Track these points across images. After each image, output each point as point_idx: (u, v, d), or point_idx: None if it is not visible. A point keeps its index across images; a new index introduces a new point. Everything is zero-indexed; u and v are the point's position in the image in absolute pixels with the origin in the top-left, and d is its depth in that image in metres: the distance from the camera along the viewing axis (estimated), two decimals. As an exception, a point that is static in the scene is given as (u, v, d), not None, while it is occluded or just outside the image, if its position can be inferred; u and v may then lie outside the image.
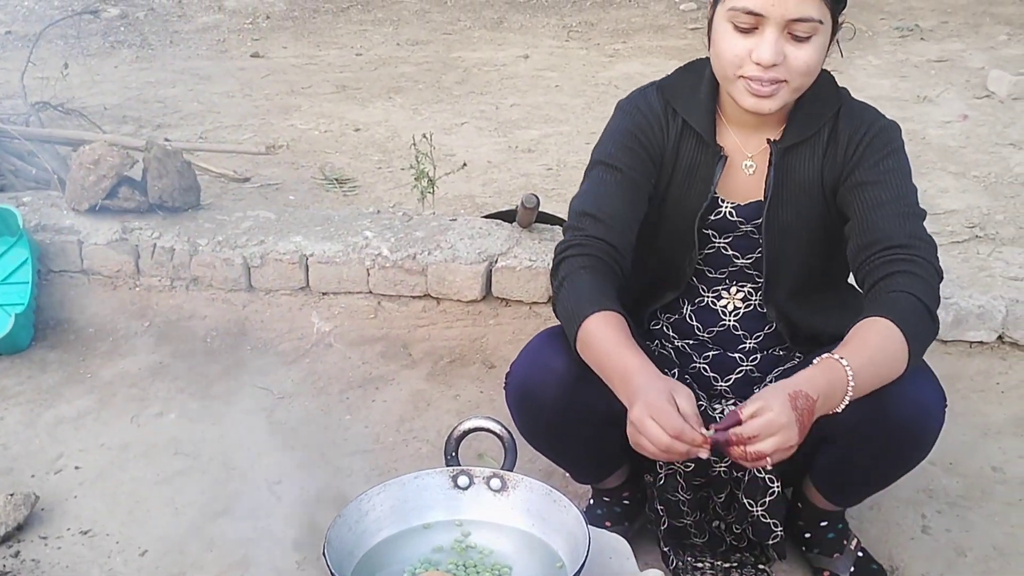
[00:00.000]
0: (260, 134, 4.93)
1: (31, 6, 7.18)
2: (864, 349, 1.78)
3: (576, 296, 1.94)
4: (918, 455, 2.04)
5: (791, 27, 1.83)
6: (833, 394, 1.73)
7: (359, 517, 1.73)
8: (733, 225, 2.11)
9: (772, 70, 1.85)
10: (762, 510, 2.13)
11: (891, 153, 2.00)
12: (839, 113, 2.03)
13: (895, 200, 1.95)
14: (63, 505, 2.59)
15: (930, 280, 1.88)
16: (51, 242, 3.35)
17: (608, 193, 2.04)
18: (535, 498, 1.75)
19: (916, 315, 1.83)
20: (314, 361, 3.16)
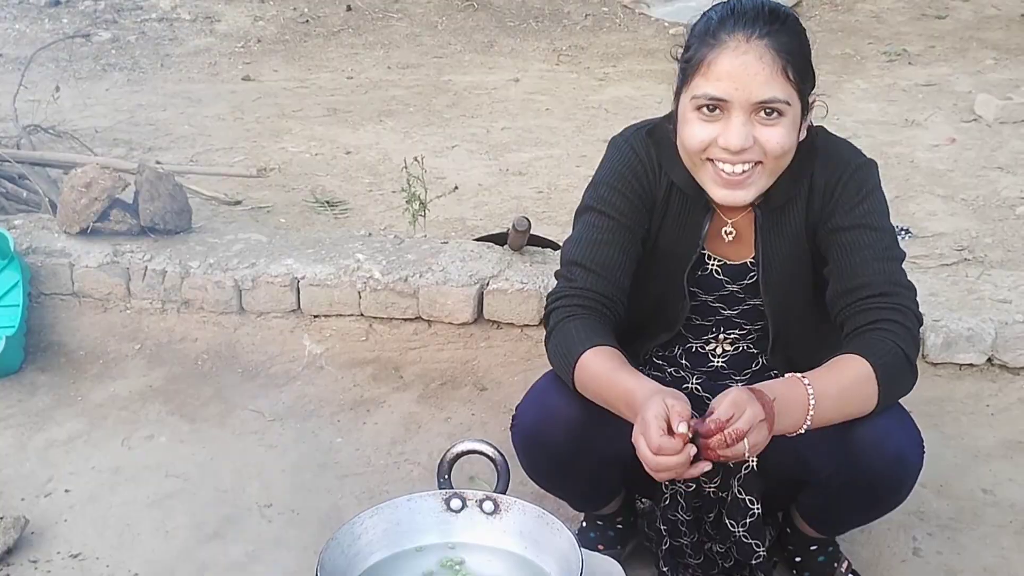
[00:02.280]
0: (251, 157, 4.94)
1: (23, 29, 7.18)
2: (834, 382, 1.81)
3: (566, 341, 1.95)
4: (896, 501, 2.05)
5: (757, 110, 1.83)
6: (791, 410, 1.75)
7: (352, 540, 1.73)
8: (719, 284, 2.11)
9: (743, 154, 1.85)
10: (743, 531, 2.14)
11: (867, 195, 1.98)
12: (815, 162, 2.01)
13: (873, 244, 1.95)
14: (53, 528, 2.58)
15: (911, 329, 1.89)
16: (42, 265, 3.35)
17: (599, 240, 2.04)
18: (528, 521, 1.75)
19: (895, 365, 1.85)
20: (305, 384, 3.16)
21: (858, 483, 1.96)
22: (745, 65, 1.80)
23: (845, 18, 7.44)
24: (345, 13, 7.62)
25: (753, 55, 1.80)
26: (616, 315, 2.03)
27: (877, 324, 1.88)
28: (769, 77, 1.80)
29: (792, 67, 1.82)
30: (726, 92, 1.81)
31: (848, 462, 1.93)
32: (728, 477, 2.16)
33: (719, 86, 1.81)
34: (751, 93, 1.80)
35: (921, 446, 1.98)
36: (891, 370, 1.84)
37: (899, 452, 1.93)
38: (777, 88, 1.81)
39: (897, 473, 1.96)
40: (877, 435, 1.91)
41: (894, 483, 1.98)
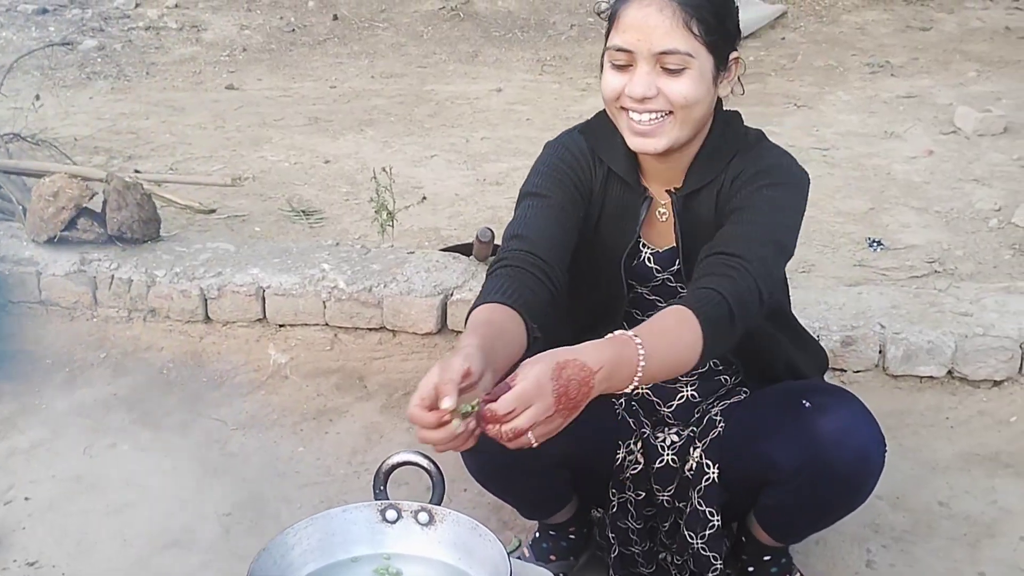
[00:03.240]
0: (230, 166, 4.95)
1: (9, 37, 7.20)
2: (661, 334, 1.77)
3: (481, 292, 1.94)
4: (858, 499, 2.06)
5: (661, 60, 1.87)
6: (620, 370, 1.67)
7: (285, 551, 1.73)
8: (651, 273, 2.13)
9: (648, 103, 1.90)
10: (702, 543, 2.15)
11: (769, 185, 1.98)
12: (736, 156, 2.03)
13: (754, 223, 1.94)
14: (11, 536, 2.59)
15: (744, 289, 1.86)
16: (10, 273, 3.36)
17: (536, 216, 2.04)
18: (462, 532, 1.76)
19: (718, 313, 1.82)
20: (269, 393, 3.17)
21: (822, 479, 1.97)
22: (647, 16, 1.86)
23: (829, 29, 7.47)
24: (331, 22, 7.65)
25: (654, 7, 1.86)
26: (552, 281, 1.97)
27: (712, 277, 1.87)
28: (670, 28, 1.85)
29: (697, 21, 1.86)
30: (629, 42, 1.88)
31: (813, 458, 1.95)
32: (686, 488, 2.17)
33: (624, 37, 1.88)
34: (652, 43, 1.86)
35: (883, 444, 1.99)
36: (716, 324, 1.81)
37: (861, 449, 1.95)
38: (678, 40, 1.85)
39: (861, 469, 1.97)
40: (842, 431, 1.93)
41: (858, 479, 1.99)
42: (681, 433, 2.21)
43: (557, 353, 1.61)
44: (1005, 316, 3.07)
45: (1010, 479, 2.77)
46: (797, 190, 2.03)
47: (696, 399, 2.23)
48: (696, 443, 2.16)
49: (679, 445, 2.19)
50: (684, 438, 2.19)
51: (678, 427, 2.22)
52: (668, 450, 2.19)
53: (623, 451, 2.20)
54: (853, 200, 4.56)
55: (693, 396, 2.22)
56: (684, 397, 2.22)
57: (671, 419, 2.24)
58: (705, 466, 2.13)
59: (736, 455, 2.11)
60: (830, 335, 3.02)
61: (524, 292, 1.90)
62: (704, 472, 2.13)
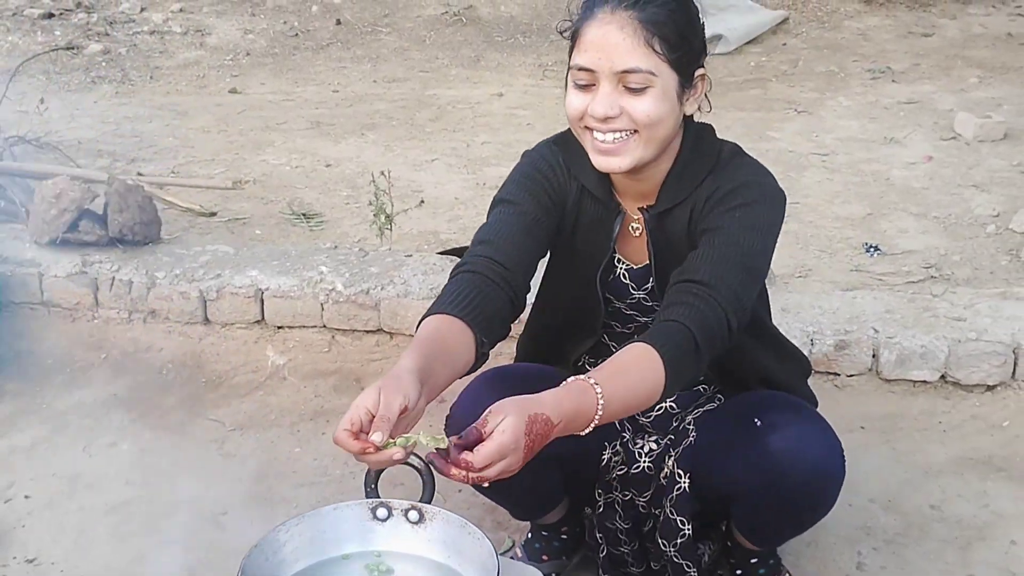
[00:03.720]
0: (232, 169, 4.99)
1: (15, 41, 7.24)
2: (621, 377, 1.76)
3: (439, 297, 1.95)
4: (821, 510, 2.07)
5: (623, 79, 1.85)
6: (578, 419, 1.69)
7: (276, 548, 1.75)
8: (626, 290, 2.14)
9: (611, 122, 1.87)
10: (674, 551, 2.17)
11: (741, 205, 1.95)
12: (711, 173, 2.01)
13: (722, 245, 1.92)
14: (11, 534, 2.62)
15: (711, 320, 1.85)
16: (12, 274, 3.40)
17: (505, 222, 2.04)
18: (451, 531, 1.77)
19: (682, 350, 1.81)
20: (267, 394, 3.20)
21: (780, 496, 1.98)
22: (607, 34, 1.84)
23: (831, 35, 7.49)
24: (335, 27, 7.68)
25: (615, 25, 1.84)
26: (513, 289, 1.98)
27: (678, 308, 1.86)
28: (631, 47, 1.83)
29: (660, 39, 1.84)
30: (591, 61, 1.85)
31: (768, 476, 1.96)
32: (660, 496, 2.19)
33: (586, 56, 1.86)
34: (613, 62, 1.84)
35: (841, 455, 2.00)
36: (678, 360, 1.80)
37: (815, 464, 1.95)
38: (639, 58, 1.83)
39: (817, 484, 1.98)
40: (793, 448, 1.93)
41: (815, 494, 2.01)
42: (660, 441, 2.22)
43: (525, 406, 1.62)
44: (998, 321, 3.09)
45: (1002, 483, 2.78)
46: (771, 209, 1.99)
47: (675, 410, 2.24)
48: (671, 451, 2.18)
49: (656, 453, 2.21)
50: (661, 446, 2.21)
51: (657, 435, 2.24)
52: (645, 457, 2.21)
53: (609, 452, 2.22)
54: (851, 205, 4.58)
55: (672, 408, 2.24)
56: (663, 408, 2.23)
57: (650, 427, 2.25)
58: (677, 475, 2.14)
59: (703, 469, 2.12)
60: (824, 339, 3.04)
61: (481, 301, 1.91)
62: (676, 481, 2.14)
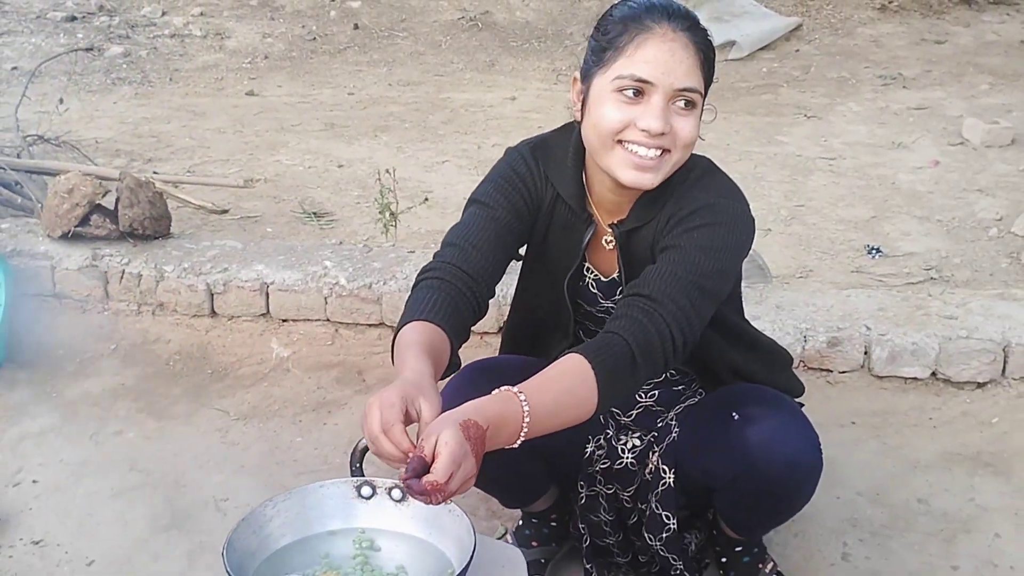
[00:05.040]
0: (246, 169, 5.07)
1: (38, 43, 7.37)
2: (550, 388, 1.76)
3: (407, 308, 1.98)
4: (799, 502, 2.10)
5: (676, 97, 1.87)
6: (505, 426, 1.68)
7: (263, 522, 1.82)
8: (595, 299, 2.17)
9: (659, 138, 1.87)
10: (660, 544, 2.20)
11: (701, 227, 1.95)
12: (678, 189, 2.01)
13: (677, 263, 1.91)
14: (18, 517, 2.69)
15: (655, 338, 1.84)
16: (26, 267, 3.48)
17: (475, 225, 2.06)
18: (432, 509, 1.83)
19: (618, 363, 1.81)
20: (271, 385, 3.27)
21: (756, 488, 2.02)
22: (672, 52, 1.85)
23: (844, 42, 7.52)
24: (352, 31, 7.78)
25: (680, 43, 1.86)
26: (476, 295, 2.01)
27: (618, 320, 1.86)
28: (692, 67, 1.87)
29: (707, 63, 1.91)
30: (652, 75, 1.85)
31: (743, 469, 1.99)
32: (645, 491, 2.22)
33: (646, 68, 1.84)
34: (675, 79, 1.85)
35: (817, 447, 2.02)
36: (612, 373, 1.80)
37: (791, 456, 1.98)
38: (696, 79, 1.88)
39: (792, 476, 2.01)
40: (768, 441, 1.96)
41: (791, 486, 2.03)
42: (643, 438, 2.25)
43: (452, 417, 1.62)
44: (990, 320, 3.13)
45: (989, 478, 2.81)
46: (731, 231, 1.97)
47: (656, 408, 2.27)
48: (655, 447, 2.21)
49: (640, 449, 2.24)
50: (645, 443, 2.25)
51: (640, 432, 2.27)
52: (628, 453, 2.24)
53: (592, 445, 2.26)
54: (856, 208, 4.62)
55: (652, 406, 2.27)
56: (643, 407, 2.27)
57: (633, 426, 2.28)
58: (662, 471, 2.17)
59: (687, 464, 2.15)
60: (816, 336, 3.09)
61: (453, 311, 1.94)
62: (661, 477, 2.17)
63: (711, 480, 2.12)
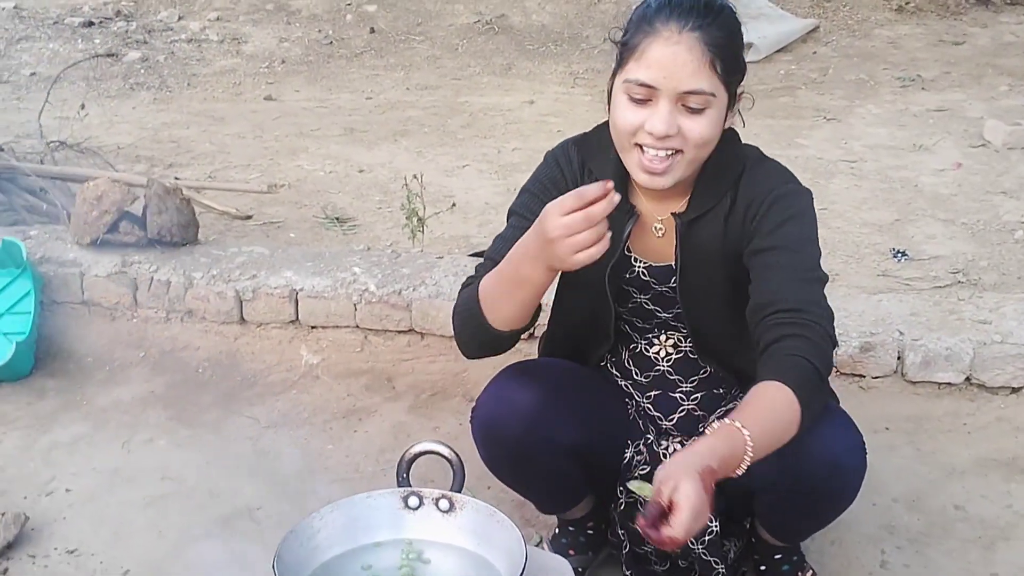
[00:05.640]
0: (267, 174, 5.07)
1: (56, 48, 7.38)
2: (762, 415, 1.79)
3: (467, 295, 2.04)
4: (842, 505, 2.11)
5: (684, 99, 1.89)
6: (732, 461, 1.73)
7: (311, 534, 1.82)
8: (647, 285, 2.18)
9: (667, 140, 1.91)
10: (702, 548, 2.20)
11: (790, 219, 2.01)
12: (740, 180, 2.06)
13: (791, 265, 1.96)
14: (52, 526, 2.69)
15: (822, 345, 1.89)
16: (54, 274, 3.48)
17: (515, 239, 2.04)
18: (480, 519, 1.83)
19: (810, 382, 1.84)
20: (301, 392, 3.27)
21: (799, 490, 2.02)
22: (675, 55, 1.87)
23: (862, 44, 7.49)
24: (368, 36, 7.77)
25: (684, 46, 1.87)
26: None
27: (786, 340, 1.88)
28: (697, 69, 1.87)
29: (720, 61, 1.89)
30: (655, 79, 1.88)
31: (786, 471, 1.98)
32: None
33: (649, 73, 1.88)
34: (679, 82, 1.87)
35: (862, 449, 2.03)
36: (809, 391, 1.83)
37: (835, 458, 1.98)
38: (704, 80, 1.88)
39: (836, 478, 2.01)
40: (812, 442, 1.94)
41: (834, 488, 2.04)
42: (684, 443, 2.25)
43: (690, 464, 1.65)
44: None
45: (1026, 484, 2.81)
46: (811, 216, 2.05)
47: (697, 413, 2.27)
48: None
49: None
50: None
51: (682, 437, 2.28)
52: (669, 458, 2.24)
53: (631, 450, 2.26)
54: (879, 211, 4.60)
55: (694, 410, 2.27)
56: (685, 411, 2.27)
57: (674, 431, 2.29)
58: None
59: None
60: (849, 341, 3.07)
61: None
62: None
63: (753, 481, 2.09)
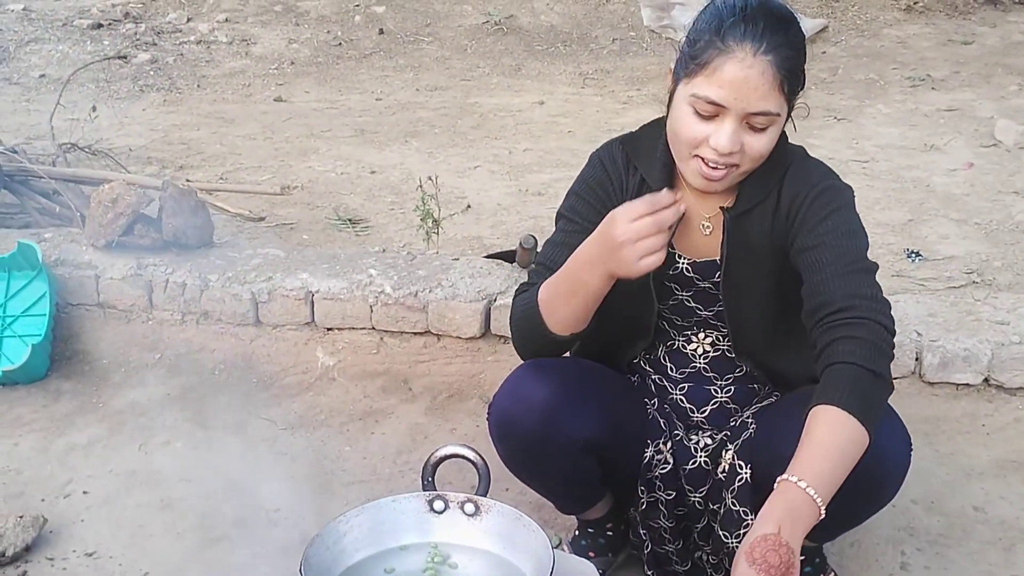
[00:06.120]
0: (278, 176, 5.07)
1: (65, 51, 7.39)
2: (822, 454, 1.80)
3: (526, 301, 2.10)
4: (882, 501, 2.09)
5: (750, 119, 1.92)
6: (799, 514, 1.73)
7: (337, 538, 1.82)
8: (691, 281, 2.19)
9: (729, 156, 1.94)
10: (736, 542, 2.18)
11: (831, 214, 2.03)
12: (786, 176, 2.09)
13: (835, 261, 1.98)
14: (70, 528, 2.69)
15: (874, 340, 1.89)
16: (69, 276, 3.48)
17: (565, 243, 2.14)
18: (506, 523, 1.83)
19: (863, 389, 1.85)
20: (317, 394, 3.27)
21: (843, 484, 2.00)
22: (747, 78, 1.88)
23: (871, 43, 7.48)
24: (377, 36, 7.77)
25: (757, 70, 1.88)
26: None
27: (837, 344, 1.89)
28: (768, 92, 1.89)
29: (788, 82, 1.92)
30: (725, 99, 1.89)
31: None
32: (719, 489, 2.21)
33: (720, 93, 1.89)
34: (748, 104, 1.89)
35: (907, 443, 2.02)
36: (866, 401, 1.84)
37: (880, 452, 1.94)
38: (772, 102, 1.91)
39: (878, 473, 1.98)
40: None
41: (877, 483, 2.01)
42: (715, 436, 2.25)
43: (740, 548, 1.70)
44: (1042, 325, 3.10)
45: (1046, 485, 2.80)
46: (853, 206, 2.08)
47: (729, 405, 2.27)
48: (728, 445, 2.21)
49: (712, 448, 2.24)
50: (717, 441, 2.24)
51: (712, 431, 2.27)
52: (701, 452, 2.24)
53: (651, 450, 2.25)
54: (892, 212, 4.60)
55: (727, 402, 2.27)
56: (718, 403, 2.27)
57: (705, 424, 2.29)
58: (738, 467, 2.17)
59: (764, 457, 2.14)
60: (867, 342, 3.06)
61: None
62: (737, 472, 2.16)
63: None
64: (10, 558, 2.54)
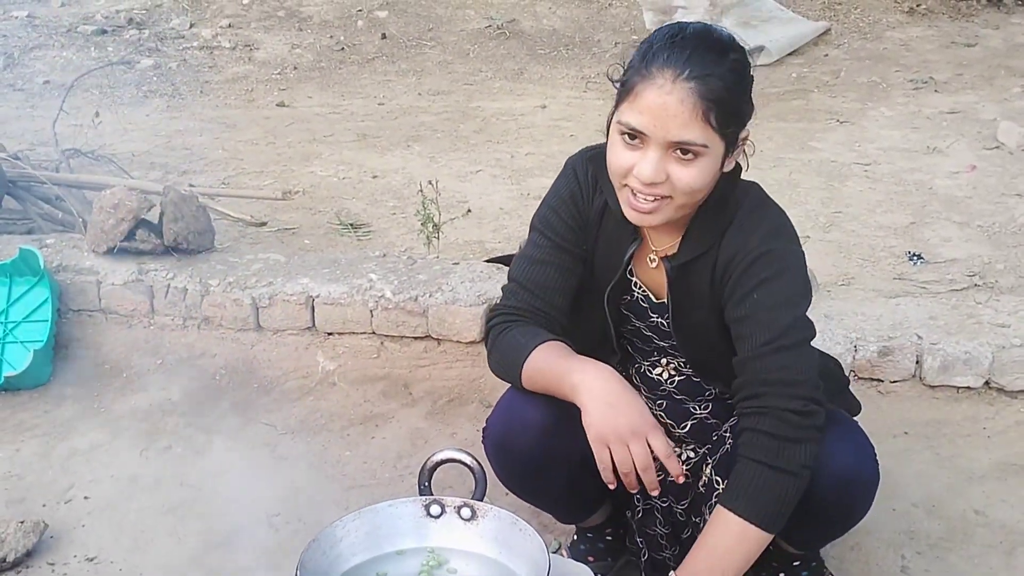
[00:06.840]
0: (280, 181, 5.08)
1: (69, 56, 7.41)
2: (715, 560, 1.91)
3: (511, 344, 2.06)
4: (852, 518, 2.10)
5: (674, 148, 1.84)
6: None
7: (334, 543, 1.82)
8: (645, 313, 2.17)
9: (654, 187, 1.87)
10: None
11: (761, 284, 1.96)
12: (728, 230, 2.01)
13: (756, 336, 1.95)
14: (71, 533, 2.70)
15: (777, 432, 1.91)
16: (71, 282, 3.49)
17: (537, 259, 2.12)
18: (502, 527, 1.83)
19: (764, 488, 1.90)
20: (318, 399, 3.27)
21: (810, 503, 1.99)
22: (665, 106, 1.80)
23: (873, 46, 7.47)
24: (380, 41, 7.79)
25: (675, 97, 1.80)
26: (557, 324, 2.11)
27: (745, 436, 1.94)
28: (688, 120, 1.81)
29: (716, 113, 1.82)
30: (645, 126, 1.83)
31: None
32: (700, 503, 2.22)
33: (640, 119, 1.83)
34: (668, 132, 1.82)
35: (873, 460, 2.02)
36: (767, 504, 1.90)
37: (846, 471, 1.96)
38: (695, 132, 1.82)
39: (848, 491, 2.00)
40: (823, 455, 1.94)
41: (847, 501, 2.03)
42: (697, 450, 2.26)
43: None
44: (1043, 328, 3.10)
45: (1047, 489, 2.79)
46: (794, 275, 2.00)
47: (710, 421, 2.26)
48: (708, 460, 2.21)
49: (694, 461, 2.24)
50: (699, 455, 2.25)
51: (695, 444, 2.27)
52: (683, 466, 2.22)
53: None
54: (894, 214, 4.59)
55: (707, 418, 2.26)
56: (697, 419, 2.26)
57: (688, 439, 2.28)
58: (715, 482, 2.16)
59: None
60: (867, 345, 3.06)
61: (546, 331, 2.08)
62: (714, 488, 2.16)
63: None
64: (11, 563, 2.54)
